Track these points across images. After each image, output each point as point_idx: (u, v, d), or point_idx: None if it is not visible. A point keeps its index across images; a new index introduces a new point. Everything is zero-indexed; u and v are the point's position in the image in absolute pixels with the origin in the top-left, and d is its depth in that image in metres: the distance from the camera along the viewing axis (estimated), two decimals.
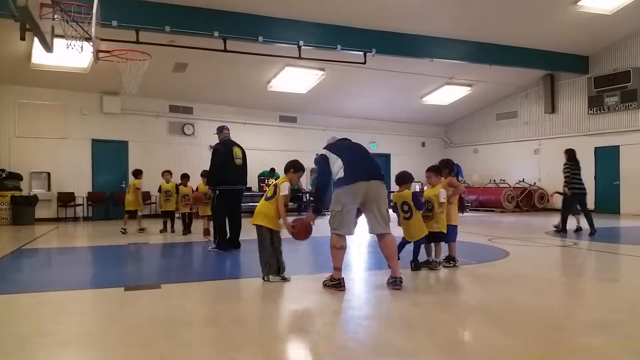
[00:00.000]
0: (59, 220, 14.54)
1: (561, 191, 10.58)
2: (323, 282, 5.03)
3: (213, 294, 5.14)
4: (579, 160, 10.55)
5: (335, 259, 4.96)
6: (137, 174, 11.40)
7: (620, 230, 11.64)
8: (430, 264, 5.98)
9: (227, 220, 7.90)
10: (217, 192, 7.77)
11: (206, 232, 9.62)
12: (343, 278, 4.94)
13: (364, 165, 5.04)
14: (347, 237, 4.98)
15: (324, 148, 5.23)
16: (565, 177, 10.42)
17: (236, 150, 7.94)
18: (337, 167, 4.94)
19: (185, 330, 3.61)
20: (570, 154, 10.65)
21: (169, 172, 11.09)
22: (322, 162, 5.09)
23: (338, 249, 4.94)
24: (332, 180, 5.01)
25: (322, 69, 15.39)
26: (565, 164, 10.55)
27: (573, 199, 10.32)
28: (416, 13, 12.51)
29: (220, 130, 8.26)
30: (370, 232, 5.07)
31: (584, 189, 10.44)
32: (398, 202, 5.64)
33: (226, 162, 7.78)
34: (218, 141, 8.20)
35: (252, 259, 7.48)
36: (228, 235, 7.85)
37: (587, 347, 3.25)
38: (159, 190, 11.06)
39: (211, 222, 8.86)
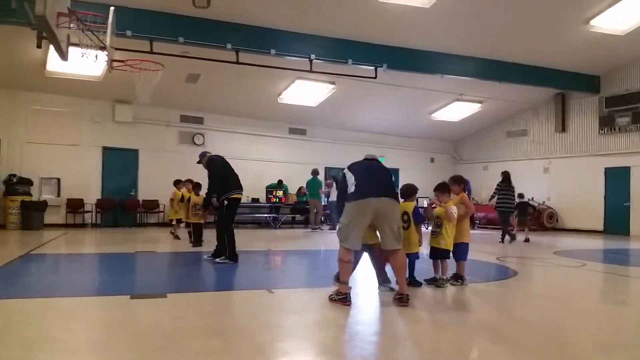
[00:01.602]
0: (67, 227, 14.62)
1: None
2: (329, 296, 5.01)
3: (219, 304, 5.14)
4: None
5: (342, 273, 4.95)
6: (174, 184, 11.36)
7: (630, 252, 11.52)
8: (437, 282, 5.94)
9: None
10: (227, 202, 7.68)
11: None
12: (349, 293, 4.92)
13: (375, 182, 5.05)
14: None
15: (347, 167, 5.31)
16: (495, 195, 12.17)
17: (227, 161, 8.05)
18: (350, 183, 5.03)
19: (191, 341, 3.60)
20: (505, 176, 12.30)
21: (191, 182, 10.81)
22: (341, 181, 5.23)
23: (346, 262, 4.93)
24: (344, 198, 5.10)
25: (332, 83, 15.46)
26: (497, 184, 12.25)
27: (501, 216, 12.00)
28: (428, 29, 12.56)
29: (204, 154, 8.33)
30: (383, 248, 5.09)
31: (510, 208, 12.17)
32: (400, 212, 5.65)
33: (227, 169, 7.84)
34: (202, 164, 8.24)
35: (256, 271, 7.51)
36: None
37: None
38: (189, 201, 10.65)
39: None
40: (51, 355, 3.32)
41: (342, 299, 4.86)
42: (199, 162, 8.38)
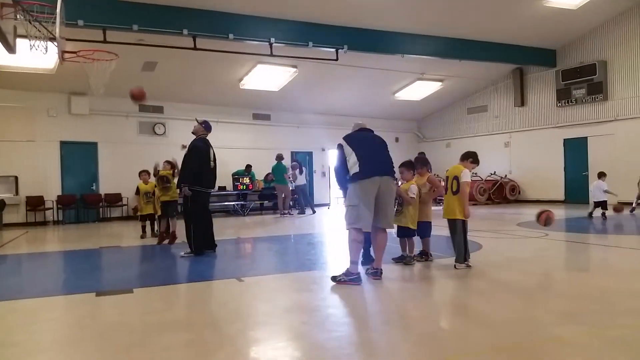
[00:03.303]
0: (28, 225, 14.18)
1: None
2: (334, 278, 5.03)
3: (186, 297, 5.08)
4: None
5: (352, 253, 5.02)
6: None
7: (588, 220, 11.90)
8: (404, 259, 6.02)
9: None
10: (191, 192, 7.42)
11: (163, 237, 8.66)
12: (359, 273, 5.01)
13: (378, 160, 5.13)
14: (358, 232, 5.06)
15: (343, 138, 5.31)
16: None
17: (211, 152, 7.66)
18: (352, 161, 5.04)
19: (159, 335, 3.56)
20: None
21: (147, 172, 10.27)
22: (338, 151, 5.26)
23: (359, 242, 5.02)
24: (346, 171, 5.14)
25: (294, 66, 15.33)
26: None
27: None
28: (387, 9, 12.55)
29: (208, 128, 7.79)
30: (379, 226, 5.16)
31: None
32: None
33: (204, 164, 7.47)
34: (194, 135, 7.73)
35: (225, 260, 7.45)
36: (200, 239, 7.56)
37: (559, 337, 3.32)
38: (137, 192, 10.38)
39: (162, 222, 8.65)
40: (15, 359, 3.22)
41: (354, 278, 4.92)
42: (195, 126, 7.81)
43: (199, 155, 7.47)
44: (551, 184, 17.35)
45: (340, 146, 5.27)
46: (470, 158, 5.91)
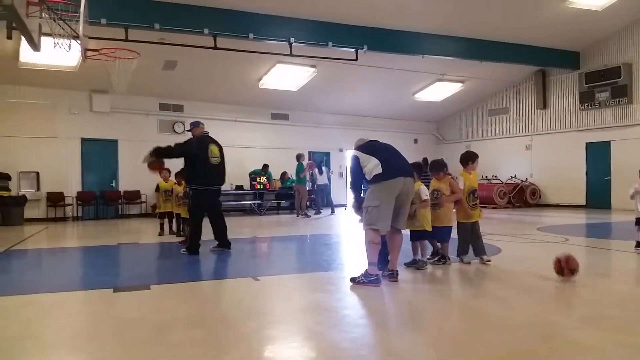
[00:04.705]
0: (48, 221, 14.41)
1: None
2: (353, 279, 5.01)
3: (202, 294, 5.10)
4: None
5: (370, 255, 4.99)
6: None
7: (611, 225, 11.68)
8: (417, 264, 5.92)
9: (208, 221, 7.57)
10: (191, 191, 7.35)
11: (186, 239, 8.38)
12: (379, 274, 4.99)
13: (400, 163, 5.17)
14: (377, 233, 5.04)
15: (355, 149, 5.31)
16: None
17: (212, 149, 7.41)
18: (372, 164, 5.01)
19: (174, 332, 3.56)
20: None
21: (167, 170, 10.18)
22: (354, 163, 5.20)
23: (376, 244, 4.98)
24: (363, 179, 5.16)
25: (313, 66, 15.32)
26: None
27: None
28: (407, 9, 12.48)
29: (196, 125, 7.76)
30: (397, 227, 5.15)
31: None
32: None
33: (201, 161, 7.25)
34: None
35: (241, 259, 7.45)
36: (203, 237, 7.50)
37: (578, 342, 3.25)
38: (157, 189, 10.41)
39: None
40: (33, 352, 3.26)
41: (374, 280, 4.90)
42: (189, 131, 7.88)
43: (192, 151, 7.31)
44: (572, 188, 17.07)
45: (355, 158, 5.19)
46: (470, 161, 6.35)
